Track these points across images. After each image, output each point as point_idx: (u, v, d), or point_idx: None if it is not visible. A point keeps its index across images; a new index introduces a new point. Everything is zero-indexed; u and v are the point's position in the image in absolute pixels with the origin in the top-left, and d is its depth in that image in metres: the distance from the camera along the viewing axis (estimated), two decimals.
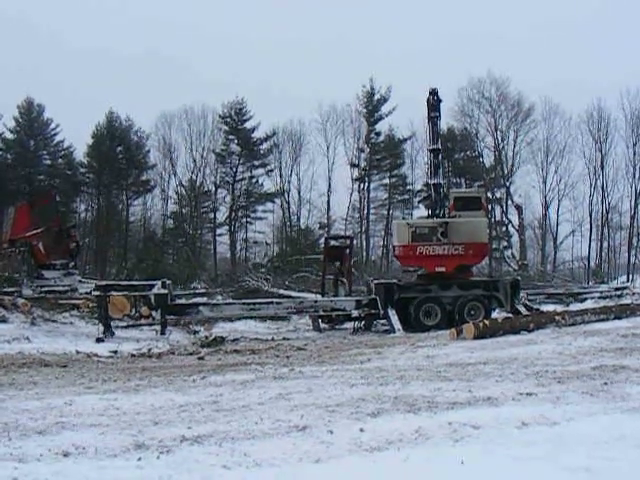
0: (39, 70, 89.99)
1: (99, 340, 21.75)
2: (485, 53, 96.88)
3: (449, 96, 43.23)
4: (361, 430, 8.78)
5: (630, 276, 62.00)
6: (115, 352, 19.38)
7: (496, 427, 8.81)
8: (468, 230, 26.38)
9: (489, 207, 64.06)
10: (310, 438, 8.50)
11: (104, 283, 27.15)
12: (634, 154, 65.16)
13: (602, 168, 65.80)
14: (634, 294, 39.75)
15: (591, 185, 66.76)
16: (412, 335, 22.76)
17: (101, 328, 22.84)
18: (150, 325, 25.16)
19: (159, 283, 24.34)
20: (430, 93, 29.29)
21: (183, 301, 28.29)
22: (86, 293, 27.17)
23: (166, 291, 23.80)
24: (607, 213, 66.85)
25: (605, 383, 11.87)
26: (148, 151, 68.82)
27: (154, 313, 25.20)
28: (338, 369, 14.76)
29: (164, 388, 12.68)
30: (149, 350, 19.92)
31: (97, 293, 24.35)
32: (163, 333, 23.10)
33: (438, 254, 26.49)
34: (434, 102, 29.29)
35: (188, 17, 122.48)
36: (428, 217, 28.37)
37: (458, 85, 66.56)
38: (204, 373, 14.65)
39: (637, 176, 65.73)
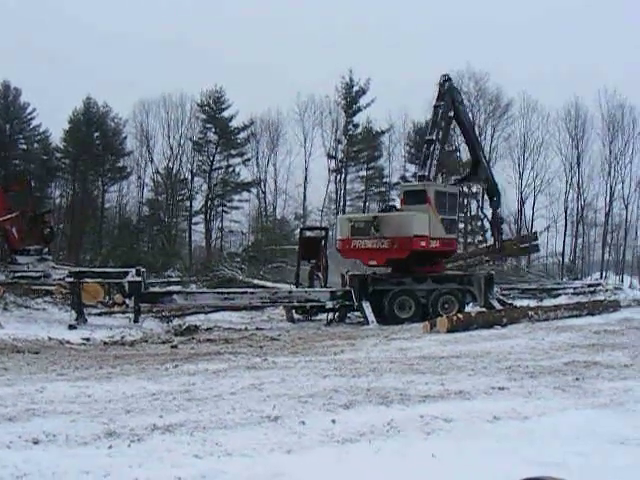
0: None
1: (72, 327, 21.58)
2: (468, 43, 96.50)
3: (430, 88, 43.04)
4: (333, 421, 8.81)
5: (603, 273, 62.53)
6: (88, 339, 19.31)
7: (468, 421, 8.86)
8: (395, 224, 26.29)
9: (464, 201, 64.34)
10: (282, 429, 8.51)
11: (78, 269, 27.04)
12: (610, 152, 65.58)
13: (578, 165, 66.14)
14: (607, 291, 40.07)
15: (567, 182, 67.08)
16: (386, 327, 22.79)
17: (74, 315, 22.72)
18: (123, 313, 25.07)
19: (133, 271, 24.19)
20: (443, 80, 29.11)
21: (157, 289, 28.19)
22: (59, 279, 26.98)
23: (140, 279, 23.66)
24: (582, 210, 67.23)
25: (577, 379, 11.95)
26: (125, 138, 68.29)
27: (128, 301, 25.16)
28: (311, 360, 14.77)
29: (136, 376, 12.66)
30: (122, 338, 19.90)
31: (70, 279, 24.24)
32: (136, 321, 22.98)
33: (369, 248, 26.62)
34: (441, 90, 29.02)
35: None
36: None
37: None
38: (177, 362, 14.63)
39: (612, 174, 66.19)
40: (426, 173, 27.73)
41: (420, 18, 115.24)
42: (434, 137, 28.03)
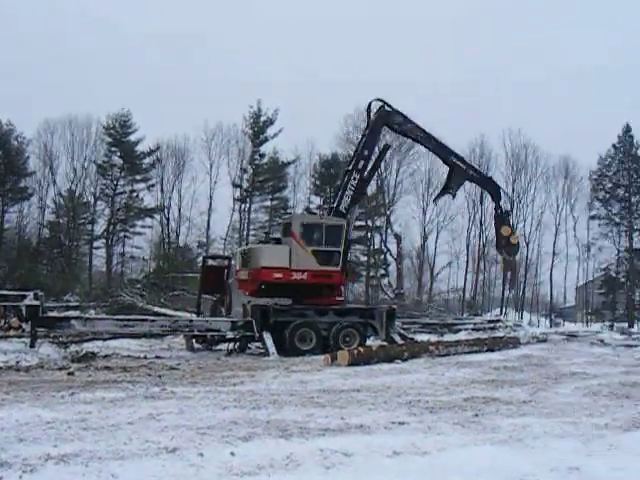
0: None
1: None
2: (375, 80, 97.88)
3: (336, 123, 43.50)
4: (232, 454, 8.72)
5: (503, 309, 63.56)
6: None
7: (368, 455, 8.84)
8: (253, 256, 26.89)
9: (369, 234, 64.86)
10: (180, 461, 8.39)
11: None
12: (512, 191, 66.85)
13: (481, 202, 67.00)
14: (507, 327, 40.76)
15: (469, 218, 68.31)
16: (286, 359, 22.74)
17: None
18: (19, 337, 24.49)
19: (31, 294, 23.73)
20: (369, 105, 28.83)
21: (55, 314, 27.67)
22: None
23: (38, 303, 23.20)
24: (484, 247, 68.35)
25: (476, 414, 12.07)
26: (28, 157, 67.03)
27: (24, 325, 24.59)
28: (211, 391, 14.64)
29: (31, 403, 12.36)
30: (17, 363, 19.46)
31: None
32: (32, 346, 22.48)
33: (242, 279, 27.46)
34: (369, 116, 28.86)
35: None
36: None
37: (345, 112, 67.35)
38: (73, 389, 14.34)
39: (514, 212, 67.40)
40: (334, 205, 27.81)
41: (329, 54, 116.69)
42: (351, 167, 27.96)
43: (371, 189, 69.43)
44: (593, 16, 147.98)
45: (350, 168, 27.93)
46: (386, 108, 28.33)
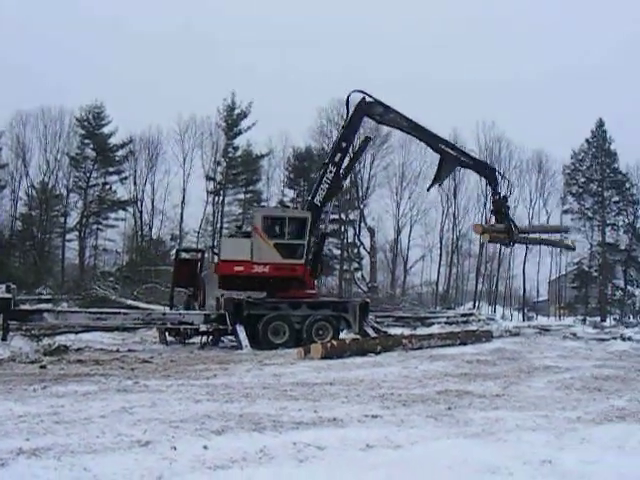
0: None
1: None
2: (350, 74, 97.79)
3: (310, 116, 43.42)
4: (205, 447, 8.68)
5: (476, 303, 63.93)
6: None
7: (341, 448, 8.83)
8: (219, 249, 27.36)
9: (342, 228, 64.88)
10: (153, 454, 8.34)
11: None
12: (486, 184, 66.99)
13: (455, 196, 67.67)
14: (480, 320, 40.93)
15: (443, 212, 68.63)
16: (259, 352, 22.68)
17: None
18: None
19: (3, 287, 23.58)
20: (348, 97, 28.11)
21: (27, 307, 27.52)
22: None
23: (10, 295, 23.06)
24: (457, 240, 68.71)
25: (449, 408, 12.08)
26: (0, 149, 66.66)
27: None
28: (184, 384, 14.59)
29: (2, 397, 12.26)
30: None
31: None
32: (4, 339, 22.34)
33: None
34: (348, 108, 28.31)
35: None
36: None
37: (319, 104, 67.43)
38: (45, 383, 14.25)
39: (487, 206, 67.71)
40: (309, 198, 27.72)
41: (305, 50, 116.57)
42: (328, 160, 27.76)
43: (345, 182, 69.73)
44: (566, 13, 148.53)
45: (327, 161, 27.80)
46: (367, 99, 27.69)
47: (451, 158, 28.83)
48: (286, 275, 26.37)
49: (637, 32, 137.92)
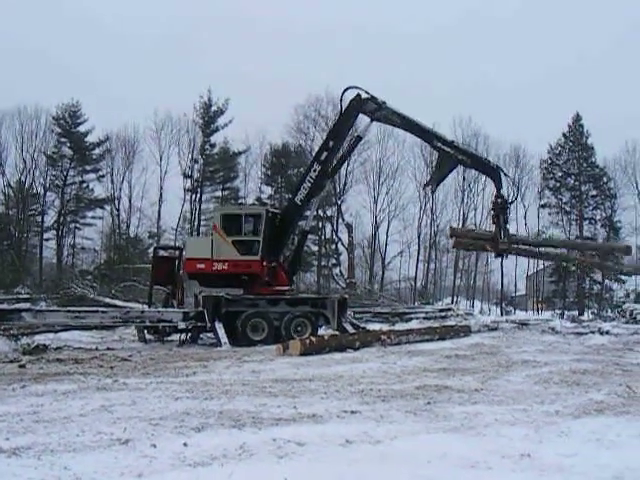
0: None
1: None
2: (330, 69, 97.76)
3: (286, 113, 43.48)
4: (185, 445, 8.70)
5: (455, 298, 64.12)
6: None
7: (320, 444, 8.86)
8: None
9: (320, 224, 64.89)
10: (132, 452, 8.35)
11: None
12: (463, 179, 67.47)
13: (432, 191, 67.65)
14: (458, 316, 40.99)
15: (421, 208, 68.77)
16: (238, 349, 22.66)
17: None
18: None
19: None
20: (342, 95, 27.75)
21: (5, 306, 27.43)
22: None
23: None
24: (435, 235, 68.84)
25: (428, 403, 12.12)
26: None
27: None
28: (163, 382, 14.59)
29: None
30: None
31: None
32: None
33: None
34: (341, 106, 28.11)
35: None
36: None
37: (295, 102, 67.47)
38: (24, 382, 14.22)
39: (465, 201, 68.23)
40: (290, 196, 27.73)
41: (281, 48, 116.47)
42: (313, 159, 27.69)
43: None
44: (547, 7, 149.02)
45: (312, 159, 27.74)
46: (362, 95, 27.30)
47: (447, 156, 28.04)
48: (242, 272, 26.45)
49: (619, 28, 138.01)
